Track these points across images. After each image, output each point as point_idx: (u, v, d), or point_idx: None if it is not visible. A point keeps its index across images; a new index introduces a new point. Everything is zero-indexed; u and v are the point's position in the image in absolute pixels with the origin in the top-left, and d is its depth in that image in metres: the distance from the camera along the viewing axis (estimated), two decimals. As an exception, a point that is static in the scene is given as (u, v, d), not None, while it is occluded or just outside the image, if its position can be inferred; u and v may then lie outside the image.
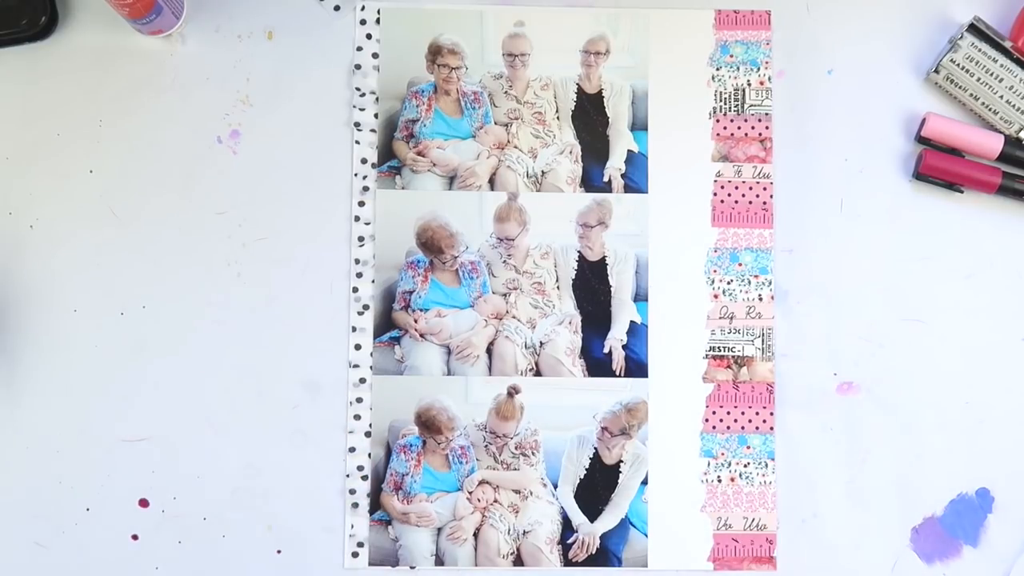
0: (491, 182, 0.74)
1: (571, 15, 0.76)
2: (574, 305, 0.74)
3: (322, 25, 0.75)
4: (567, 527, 0.72)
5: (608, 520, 0.72)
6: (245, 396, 0.72)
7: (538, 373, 0.73)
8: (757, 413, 0.73)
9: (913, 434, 0.73)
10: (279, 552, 0.71)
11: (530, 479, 0.72)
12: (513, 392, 0.72)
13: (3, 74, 0.74)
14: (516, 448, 0.72)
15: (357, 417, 0.72)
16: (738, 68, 0.75)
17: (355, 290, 0.73)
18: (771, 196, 0.74)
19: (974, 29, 0.73)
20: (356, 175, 0.74)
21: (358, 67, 0.75)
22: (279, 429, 0.72)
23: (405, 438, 0.72)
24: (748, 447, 0.72)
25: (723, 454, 0.72)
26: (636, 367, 0.73)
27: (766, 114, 0.75)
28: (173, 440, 0.72)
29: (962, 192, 0.74)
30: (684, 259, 0.74)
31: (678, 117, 0.75)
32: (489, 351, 0.73)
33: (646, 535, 0.72)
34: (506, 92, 0.75)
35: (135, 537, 0.72)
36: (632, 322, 0.73)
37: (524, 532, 0.72)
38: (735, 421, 0.73)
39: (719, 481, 0.72)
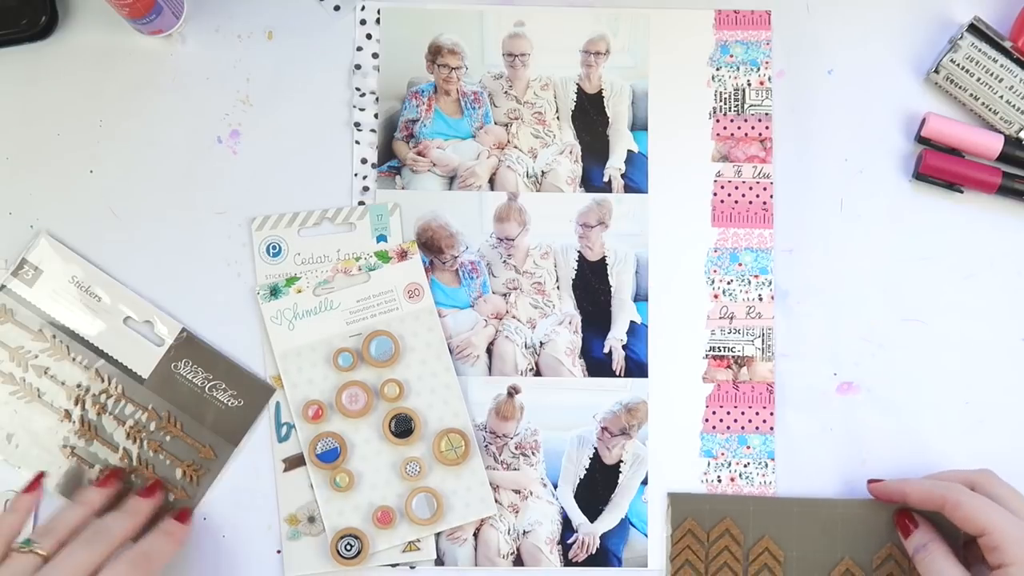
0: (491, 182, 0.74)
1: (571, 15, 0.76)
2: (574, 305, 0.74)
3: (322, 25, 0.75)
4: (567, 527, 0.72)
5: (608, 520, 0.72)
6: (245, 396, 0.73)
7: (538, 373, 0.73)
8: (757, 413, 0.73)
9: (913, 434, 0.73)
10: (279, 552, 0.71)
11: (530, 479, 0.72)
12: (513, 392, 0.72)
13: (3, 74, 0.74)
14: (516, 448, 0.72)
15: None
16: (738, 68, 0.75)
17: (355, 290, 0.73)
18: (771, 196, 0.74)
19: (974, 29, 0.73)
20: (356, 175, 0.74)
21: (358, 67, 0.75)
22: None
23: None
24: (748, 447, 0.72)
25: (723, 454, 0.72)
26: (636, 367, 0.73)
27: (766, 114, 0.75)
28: (173, 440, 0.72)
29: (962, 192, 0.74)
30: (684, 259, 0.74)
31: (678, 117, 0.75)
32: (489, 351, 0.73)
33: (646, 535, 0.72)
34: (506, 92, 0.75)
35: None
36: (632, 322, 0.73)
37: (524, 532, 0.71)
38: (735, 421, 0.73)
39: (719, 481, 0.72)
